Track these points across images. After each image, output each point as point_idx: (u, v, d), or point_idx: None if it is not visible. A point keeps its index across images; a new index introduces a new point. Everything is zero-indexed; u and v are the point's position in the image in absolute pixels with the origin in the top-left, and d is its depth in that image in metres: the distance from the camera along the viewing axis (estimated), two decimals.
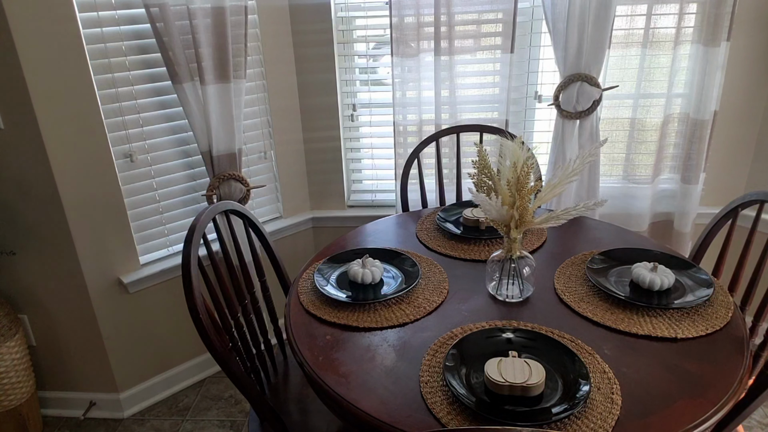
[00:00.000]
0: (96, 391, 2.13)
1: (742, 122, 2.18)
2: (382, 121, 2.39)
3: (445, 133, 2.07)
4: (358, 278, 1.37)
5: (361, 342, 1.20)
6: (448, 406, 1.00)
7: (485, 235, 1.62)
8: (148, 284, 2.06)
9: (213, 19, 1.84)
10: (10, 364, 1.88)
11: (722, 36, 1.95)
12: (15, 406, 1.92)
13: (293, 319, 1.29)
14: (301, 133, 2.37)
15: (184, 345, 2.25)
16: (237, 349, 1.41)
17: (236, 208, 1.57)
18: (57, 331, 2.03)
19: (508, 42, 2.06)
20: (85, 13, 1.75)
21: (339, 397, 1.04)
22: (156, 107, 1.97)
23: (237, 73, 1.94)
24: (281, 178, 2.36)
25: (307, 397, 1.49)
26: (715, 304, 1.26)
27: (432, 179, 2.26)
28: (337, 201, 2.49)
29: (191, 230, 1.33)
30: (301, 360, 1.16)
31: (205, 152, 1.98)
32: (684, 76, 2.08)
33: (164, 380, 2.23)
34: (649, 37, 2.03)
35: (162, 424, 2.09)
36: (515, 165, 1.23)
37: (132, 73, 1.89)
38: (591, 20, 1.93)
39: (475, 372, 1.07)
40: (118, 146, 1.91)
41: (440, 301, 1.33)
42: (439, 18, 2.02)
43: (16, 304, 2.00)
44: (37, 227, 1.86)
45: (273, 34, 2.16)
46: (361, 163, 2.51)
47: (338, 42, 2.25)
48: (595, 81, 2.01)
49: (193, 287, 1.22)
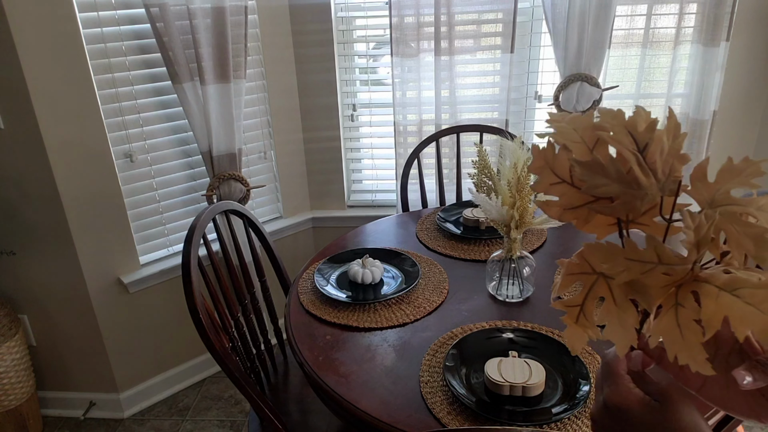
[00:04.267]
0: (96, 391, 2.13)
1: (741, 122, 2.18)
2: (382, 121, 2.39)
3: (445, 133, 2.07)
4: (358, 278, 1.37)
5: (361, 342, 1.20)
6: (448, 406, 1.00)
7: (485, 235, 1.62)
8: (148, 284, 2.06)
9: (213, 19, 1.84)
10: (10, 364, 1.88)
11: (722, 36, 1.96)
12: (15, 406, 1.92)
13: (293, 319, 1.29)
14: (301, 133, 2.36)
15: (184, 345, 2.25)
16: (237, 349, 1.41)
17: (236, 208, 1.57)
18: (57, 331, 2.03)
19: (508, 42, 2.06)
20: (85, 13, 1.75)
21: (339, 397, 1.04)
22: (156, 107, 1.97)
23: (237, 73, 1.94)
24: (281, 178, 2.36)
25: (307, 397, 1.49)
26: None
27: (432, 179, 2.26)
28: (337, 201, 2.49)
29: (191, 230, 1.33)
30: (301, 360, 1.16)
31: (205, 152, 1.98)
32: (684, 76, 2.08)
33: (164, 380, 2.23)
34: (649, 37, 2.03)
35: (162, 424, 2.09)
36: (515, 165, 1.23)
37: (132, 73, 1.89)
38: (591, 20, 1.93)
39: (475, 372, 1.07)
40: (118, 146, 1.91)
41: (440, 301, 1.33)
42: (439, 18, 2.02)
43: (16, 304, 2.00)
44: (37, 227, 1.86)
45: (273, 34, 2.16)
46: (361, 163, 2.51)
47: (338, 42, 2.25)
48: (595, 81, 2.01)
49: (193, 287, 1.22)
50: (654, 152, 0.45)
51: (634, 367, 0.51)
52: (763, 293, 0.39)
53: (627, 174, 0.45)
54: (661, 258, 0.43)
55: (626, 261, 0.43)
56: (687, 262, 0.43)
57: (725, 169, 0.45)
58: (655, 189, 0.45)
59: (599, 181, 0.45)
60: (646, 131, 0.45)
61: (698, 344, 0.41)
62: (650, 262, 0.43)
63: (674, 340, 0.42)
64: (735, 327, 0.39)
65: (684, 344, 0.41)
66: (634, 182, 0.45)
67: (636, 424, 0.48)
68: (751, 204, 0.44)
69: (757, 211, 0.44)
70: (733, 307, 0.40)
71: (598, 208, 0.47)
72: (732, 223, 0.43)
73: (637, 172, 0.45)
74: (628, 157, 0.45)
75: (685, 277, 0.43)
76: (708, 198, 0.44)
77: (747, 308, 0.39)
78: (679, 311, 0.42)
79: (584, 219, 0.49)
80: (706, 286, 0.42)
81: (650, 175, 0.45)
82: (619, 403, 0.49)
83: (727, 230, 0.43)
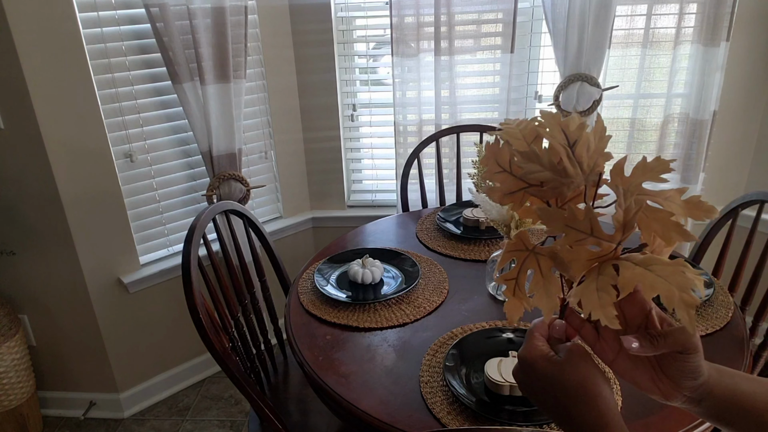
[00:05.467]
0: (96, 391, 2.13)
1: (741, 122, 2.18)
2: (382, 121, 2.39)
3: (445, 133, 2.07)
4: (358, 278, 1.37)
5: (361, 342, 1.20)
6: (448, 406, 1.00)
7: (485, 235, 1.62)
8: (148, 284, 2.06)
9: (213, 19, 1.84)
10: (10, 364, 1.88)
11: (722, 36, 1.95)
12: (15, 406, 1.92)
13: (293, 319, 1.29)
14: (301, 133, 2.37)
15: (184, 345, 2.25)
16: (237, 349, 1.41)
17: (236, 208, 1.57)
18: (57, 331, 2.03)
19: (508, 42, 2.06)
20: (85, 13, 1.75)
21: (339, 397, 1.04)
22: (156, 107, 1.97)
23: (237, 73, 1.94)
24: (281, 178, 2.36)
25: (307, 397, 1.49)
26: (715, 304, 1.26)
27: (432, 179, 2.26)
28: (337, 201, 2.49)
29: (191, 230, 1.33)
30: (301, 360, 1.16)
31: (205, 152, 1.98)
32: (684, 76, 2.08)
33: (164, 380, 2.23)
34: (649, 37, 2.03)
35: (162, 424, 2.09)
36: None
37: (132, 73, 1.89)
38: (591, 20, 1.93)
39: (475, 372, 1.07)
40: (118, 146, 1.91)
41: (440, 301, 1.33)
42: (439, 18, 2.02)
43: (16, 304, 2.00)
44: (37, 227, 1.86)
45: (273, 34, 2.16)
46: (361, 163, 2.51)
47: (338, 42, 2.25)
48: (595, 81, 2.01)
49: (193, 287, 1.22)
50: (582, 148, 0.53)
51: (557, 335, 0.58)
52: (671, 269, 0.48)
53: (558, 164, 0.53)
54: (594, 231, 0.51)
55: (565, 226, 0.51)
56: (614, 240, 0.51)
57: (639, 166, 0.53)
58: (580, 178, 0.54)
59: (534, 168, 0.53)
60: (577, 130, 0.53)
61: (611, 303, 0.49)
62: (584, 232, 0.51)
63: (591, 300, 0.50)
64: (645, 291, 0.49)
65: (599, 303, 0.49)
66: (563, 171, 0.53)
67: (539, 375, 0.56)
68: (660, 195, 0.53)
69: (665, 200, 0.53)
70: (645, 276, 0.49)
71: (531, 192, 0.56)
72: (643, 210, 0.52)
73: (566, 162, 0.53)
74: (560, 150, 0.53)
75: (608, 254, 0.52)
76: (624, 189, 0.52)
77: (656, 278, 0.48)
78: (599, 278, 0.51)
79: (519, 202, 0.58)
80: (625, 263, 0.51)
81: (577, 167, 0.53)
82: (526, 357, 0.57)
83: (639, 216, 0.52)
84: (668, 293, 0.47)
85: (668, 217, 0.52)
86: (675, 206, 0.53)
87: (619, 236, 0.51)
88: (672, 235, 0.52)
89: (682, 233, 0.52)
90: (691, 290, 0.47)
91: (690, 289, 0.47)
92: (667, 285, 0.47)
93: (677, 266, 0.49)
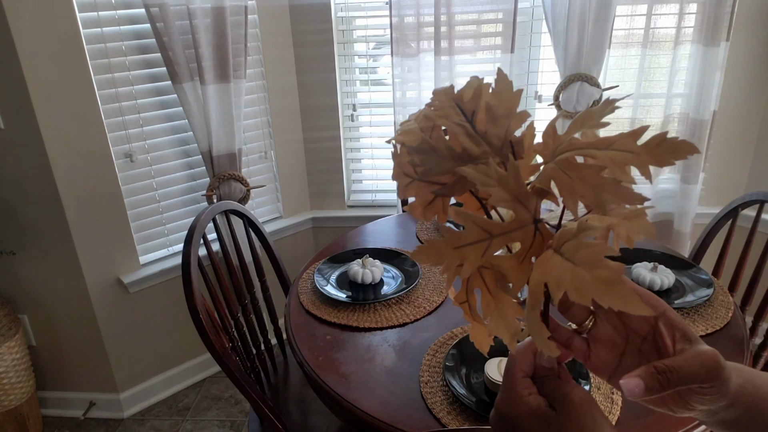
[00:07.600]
0: (96, 391, 2.13)
1: (741, 122, 2.18)
2: (382, 121, 2.39)
3: None
4: (358, 278, 1.37)
5: (361, 342, 1.20)
6: (448, 406, 1.00)
7: None
8: (148, 284, 2.06)
9: (213, 19, 1.84)
10: (10, 364, 1.88)
11: (722, 36, 1.95)
12: (15, 406, 1.92)
13: (293, 319, 1.29)
14: (301, 133, 2.37)
15: (184, 345, 2.25)
16: (237, 349, 1.41)
17: (236, 208, 1.57)
18: (57, 331, 2.03)
19: (508, 42, 2.06)
20: (85, 13, 1.75)
21: (339, 397, 1.04)
22: (156, 107, 1.97)
23: (237, 73, 1.94)
24: (281, 178, 2.36)
25: (307, 397, 1.49)
26: (715, 304, 1.26)
27: None
28: (337, 201, 2.49)
29: (191, 230, 1.33)
30: (301, 360, 1.16)
31: (205, 152, 1.98)
32: (684, 76, 2.08)
33: (164, 380, 2.23)
34: (649, 37, 2.03)
35: (162, 424, 2.09)
36: None
37: (132, 73, 1.89)
38: (591, 20, 1.93)
39: (475, 372, 1.07)
40: (118, 146, 1.91)
41: (440, 301, 1.33)
42: (439, 18, 2.02)
43: (16, 304, 2.00)
44: (37, 227, 1.86)
45: (273, 34, 2.16)
46: (361, 163, 2.51)
47: (338, 42, 2.25)
48: (595, 81, 2.01)
49: (193, 287, 1.22)
50: (482, 119, 0.42)
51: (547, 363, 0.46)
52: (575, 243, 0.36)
53: (460, 149, 0.42)
54: (491, 230, 0.39)
55: (457, 251, 0.39)
56: (522, 224, 0.40)
57: (581, 116, 0.41)
58: (489, 155, 0.41)
59: (432, 161, 0.42)
60: (472, 99, 0.42)
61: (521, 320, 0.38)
62: (482, 240, 0.39)
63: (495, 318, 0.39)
64: (552, 291, 0.36)
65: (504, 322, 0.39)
66: (466, 155, 0.42)
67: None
68: (601, 144, 0.39)
69: (604, 150, 0.38)
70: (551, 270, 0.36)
71: (443, 192, 0.44)
72: (565, 170, 0.38)
73: (466, 143, 0.42)
74: (456, 131, 0.42)
75: (534, 243, 0.40)
76: (552, 151, 0.40)
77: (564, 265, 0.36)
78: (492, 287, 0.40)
79: (443, 212, 0.45)
80: (547, 252, 0.38)
81: (482, 143, 0.42)
82: (509, 413, 0.45)
83: (559, 179, 0.39)
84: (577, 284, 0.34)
85: (596, 173, 0.37)
86: (623, 155, 0.37)
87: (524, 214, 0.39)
88: (605, 199, 0.37)
89: (621, 194, 0.36)
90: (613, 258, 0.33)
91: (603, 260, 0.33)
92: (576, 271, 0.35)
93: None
